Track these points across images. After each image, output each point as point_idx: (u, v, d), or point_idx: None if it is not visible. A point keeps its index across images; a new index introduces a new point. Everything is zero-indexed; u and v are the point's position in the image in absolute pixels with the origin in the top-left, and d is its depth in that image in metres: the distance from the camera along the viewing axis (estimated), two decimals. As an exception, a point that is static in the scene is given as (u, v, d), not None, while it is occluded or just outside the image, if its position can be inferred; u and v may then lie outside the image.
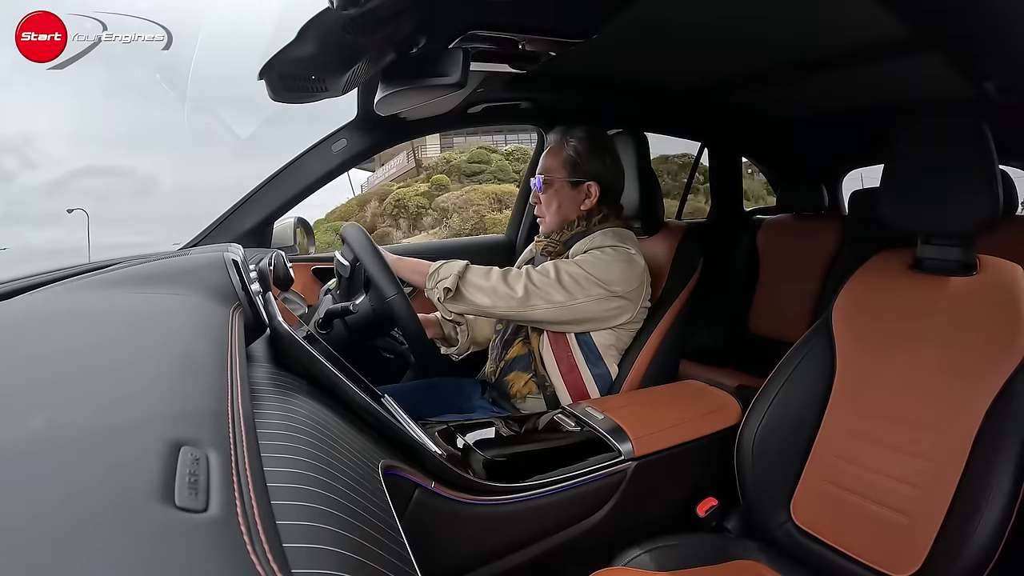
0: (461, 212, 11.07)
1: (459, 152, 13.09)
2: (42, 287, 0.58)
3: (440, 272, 1.06)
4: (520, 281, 1.04)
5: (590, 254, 1.09)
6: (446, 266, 1.07)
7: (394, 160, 14.04)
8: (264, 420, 0.42)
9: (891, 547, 0.79)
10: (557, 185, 1.16)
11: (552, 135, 1.22)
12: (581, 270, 1.05)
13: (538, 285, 1.04)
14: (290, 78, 0.75)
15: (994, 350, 0.77)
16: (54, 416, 0.25)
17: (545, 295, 1.04)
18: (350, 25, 0.64)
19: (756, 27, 1.11)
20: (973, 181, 0.81)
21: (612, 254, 1.08)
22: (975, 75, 1.13)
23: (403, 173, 13.65)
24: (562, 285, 1.04)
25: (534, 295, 1.03)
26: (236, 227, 1.31)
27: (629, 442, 0.89)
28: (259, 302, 0.58)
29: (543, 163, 1.18)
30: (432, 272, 1.06)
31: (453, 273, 1.04)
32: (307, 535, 0.32)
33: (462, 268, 1.06)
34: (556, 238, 1.17)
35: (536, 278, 1.04)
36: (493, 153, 12.44)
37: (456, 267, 1.06)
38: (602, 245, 1.10)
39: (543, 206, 1.18)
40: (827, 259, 1.85)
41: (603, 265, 1.06)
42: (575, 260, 1.08)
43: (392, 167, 14.11)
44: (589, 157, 1.15)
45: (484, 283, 1.04)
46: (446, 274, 1.05)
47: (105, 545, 0.19)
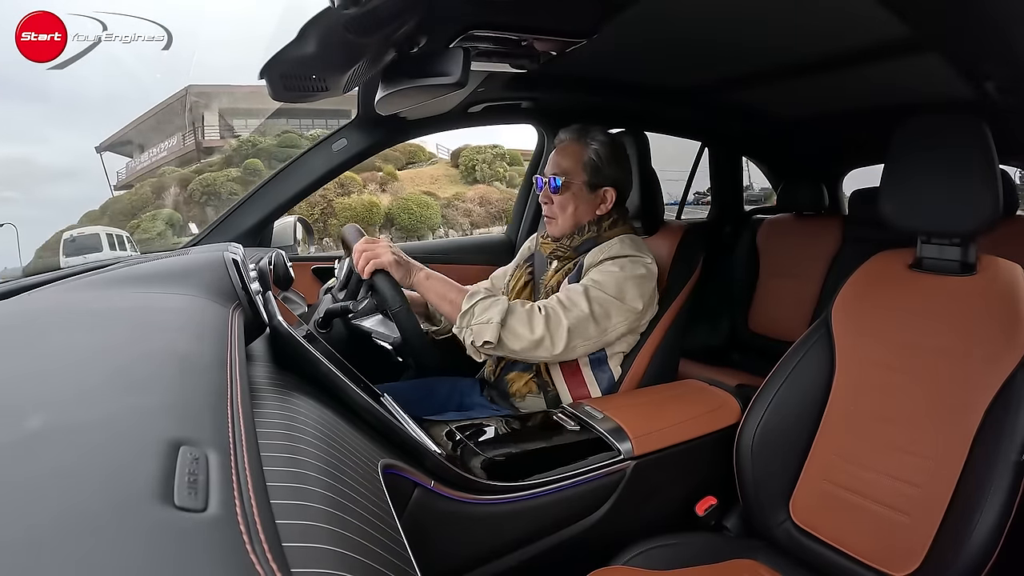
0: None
1: (260, 136, 12.20)
2: (42, 287, 0.58)
3: (475, 312, 0.98)
4: (561, 329, 0.98)
5: (610, 268, 1.05)
6: (482, 306, 0.98)
7: (165, 143, 12.90)
8: (264, 420, 0.42)
9: (890, 546, 0.79)
10: (575, 188, 1.12)
11: (566, 134, 1.16)
12: (609, 296, 1.02)
13: (577, 327, 1.00)
14: (291, 77, 0.75)
15: (994, 349, 0.77)
16: (53, 416, 0.25)
17: (583, 334, 1.01)
18: (351, 24, 0.64)
19: (756, 27, 1.11)
20: (973, 181, 0.81)
21: (631, 269, 1.05)
22: (975, 75, 1.13)
23: (179, 156, 12.56)
24: (595, 319, 1.01)
25: (575, 336, 1.00)
26: (236, 227, 1.31)
27: (628, 441, 0.89)
28: (259, 301, 0.58)
29: (559, 163, 1.13)
30: (466, 311, 0.98)
31: (494, 323, 0.96)
32: (306, 534, 0.32)
33: (503, 315, 0.97)
34: (566, 243, 1.13)
35: (573, 320, 0.99)
36: (302, 138, 11.52)
37: (496, 314, 0.96)
38: (620, 255, 1.06)
39: (556, 207, 1.13)
40: (827, 259, 1.85)
41: (629, 285, 1.04)
42: (598, 281, 1.03)
43: (163, 150, 12.92)
44: (610, 162, 1.13)
45: (527, 334, 0.97)
46: (484, 319, 0.97)
47: (104, 545, 0.19)
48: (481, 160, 12.19)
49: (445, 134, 12.38)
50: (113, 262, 0.77)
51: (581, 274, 1.09)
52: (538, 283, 1.21)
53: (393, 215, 10.44)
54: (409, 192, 11.28)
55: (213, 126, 12.83)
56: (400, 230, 10.33)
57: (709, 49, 1.25)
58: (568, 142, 1.16)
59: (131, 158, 13.30)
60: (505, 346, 0.98)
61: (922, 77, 1.25)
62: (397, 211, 10.45)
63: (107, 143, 13.23)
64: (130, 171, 13.18)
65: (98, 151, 13.20)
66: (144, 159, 13.05)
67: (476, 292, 1.00)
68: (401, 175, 12.04)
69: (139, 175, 12.65)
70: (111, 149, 13.31)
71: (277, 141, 11.68)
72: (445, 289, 1.02)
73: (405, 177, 12.14)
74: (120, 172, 13.31)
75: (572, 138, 1.16)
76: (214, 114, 12.88)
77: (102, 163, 13.14)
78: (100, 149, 13.21)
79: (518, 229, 1.76)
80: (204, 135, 12.67)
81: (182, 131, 12.66)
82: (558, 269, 1.15)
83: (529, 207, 1.76)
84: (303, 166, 1.36)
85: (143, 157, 13.10)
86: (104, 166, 12.95)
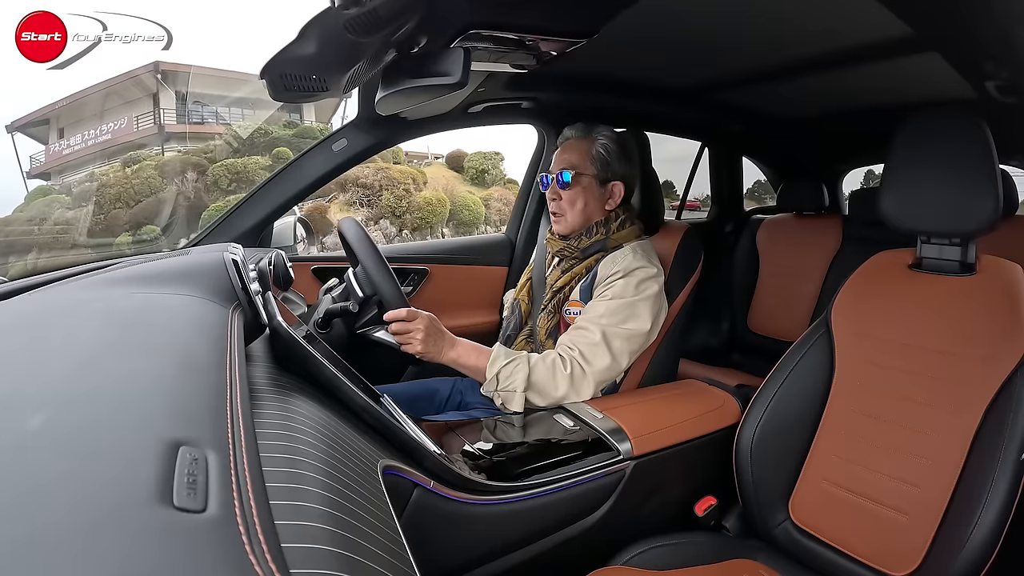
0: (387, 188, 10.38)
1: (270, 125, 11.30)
2: (42, 287, 0.58)
3: (499, 381, 0.99)
4: (585, 383, 1.00)
5: (624, 290, 1.04)
6: (504, 372, 0.99)
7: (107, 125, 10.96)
8: (263, 420, 0.42)
9: (889, 546, 0.79)
10: (586, 182, 1.11)
11: (572, 131, 1.16)
12: (625, 329, 1.02)
13: (600, 375, 1.01)
14: (291, 77, 0.75)
15: (993, 349, 0.77)
16: (52, 416, 0.25)
17: (608, 378, 1.04)
18: (351, 24, 0.64)
19: (757, 27, 1.11)
20: (973, 181, 0.81)
21: (644, 288, 1.04)
22: (976, 75, 1.13)
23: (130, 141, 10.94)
24: (616, 360, 1.02)
25: (599, 385, 1.02)
26: (236, 227, 1.31)
27: (628, 441, 0.89)
28: (259, 302, 0.58)
29: (567, 158, 1.12)
30: (490, 379, 1.00)
31: (518, 392, 0.98)
32: (306, 535, 0.32)
33: (526, 382, 0.98)
34: (575, 244, 1.13)
35: (596, 373, 1.01)
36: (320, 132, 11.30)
37: (519, 382, 0.98)
38: (634, 268, 1.05)
39: (564, 203, 1.12)
40: (827, 259, 1.85)
41: (642, 307, 1.03)
42: (614, 312, 1.03)
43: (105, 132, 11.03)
44: (618, 157, 1.13)
45: (552, 393, 1.00)
46: (508, 387, 0.99)
47: (103, 545, 0.19)
48: (490, 165, 12.31)
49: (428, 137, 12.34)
50: (113, 262, 0.77)
51: (594, 284, 1.08)
52: (540, 278, 1.21)
53: (455, 212, 10.95)
54: (462, 192, 11.48)
55: (171, 110, 11.43)
56: (460, 224, 10.80)
57: (709, 49, 1.25)
58: (575, 138, 1.15)
59: (57, 141, 11.24)
60: (533, 405, 1.01)
61: (922, 77, 1.25)
62: (459, 208, 11.04)
63: (22, 122, 11.24)
64: (53, 156, 11.28)
65: (9, 131, 11.20)
66: (75, 142, 11.19)
67: (496, 358, 1.00)
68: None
69: (65, 161, 10.98)
70: (24, 130, 11.38)
71: (294, 132, 11.31)
72: (473, 360, 1.02)
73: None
74: (37, 159, 11.33)
75: (578, 135, 1.15)
76: (171, 97, 11.48)
77: (13, 145, 11.18)
78: (12, 129, 11.25)
79: (518, 229, 1.76)
80: (165, 119, 11.24)
81: (132, 112, 11.07)
82: (566, 270, 1.14)
83: (529, 207, 1.75)
84: (303, 166, 1.36)
85: (73, 140, 11.21)
86: (16, 149, 11.06)
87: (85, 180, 10.71)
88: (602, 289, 1.06)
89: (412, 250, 1.68)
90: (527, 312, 1.20)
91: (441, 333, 1.03)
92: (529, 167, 1.82)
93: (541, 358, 1.02)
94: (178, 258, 0.61)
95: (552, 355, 1.02)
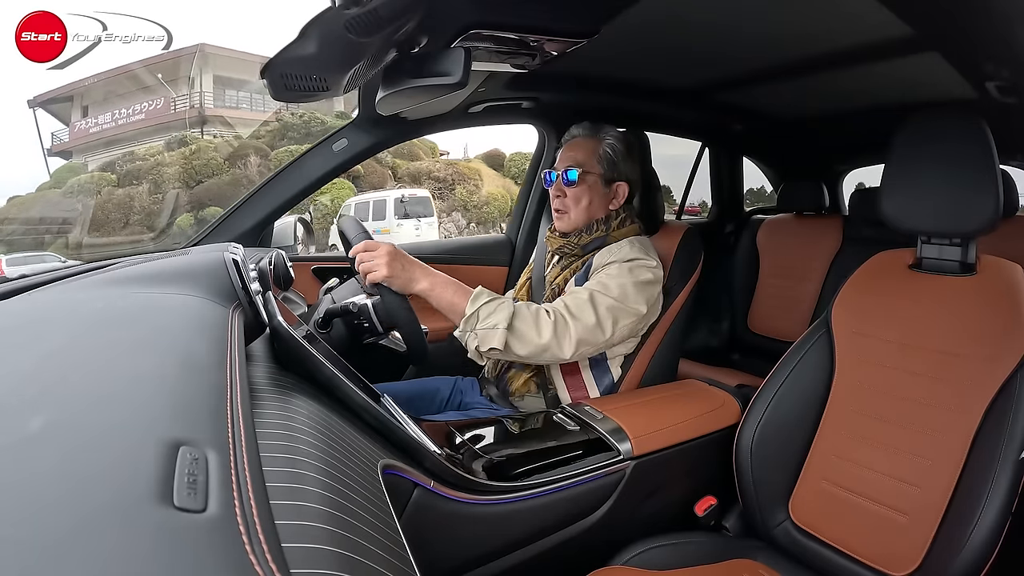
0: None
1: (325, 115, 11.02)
2: (42, 287, 0.58)
3: (480, 316, 0.94)
4: (568, 337, 0.96)
5: (617, 271, 1.04)
6: (487, 309, 0.94)
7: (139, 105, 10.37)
8: (263, 420, 0.42)
9: (889, 546, 0.79)
10: (591, 181, 1.11)
11: (579, 129, 1.16)
12: (615, 302, 1.00)
13: (584, 336, 0.98)
14: (291, 77, 0.75)
15: (993, 350, 0.77)
16: (52, 416, 0.25)
17: (589, 341, 0.99)
18: (352, 24, 0.64)
19: (757, 27, 1.11)
20: (974, 181, 0.81)
21: (638, 273, 1.04)
22: (976, 75, 1.13)
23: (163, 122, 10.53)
24: (601, 326, 0.99)
25: (581, 344, 0.98)
26: (236, 227, 1.31)
27: (628, 441, 0.89)
28: (259, 301, 0.58)
29: (573, 156, 1.12)
30: (470, 315, 0.95)
31: (500, 328, 0.93)
32: (306, 535, 0.32)
33: (509, 320, 0.94)
34: (575, 240, 1.13)
35: (581, 329, 0.97)
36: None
37: (502, 319, 0.93)
38: (629, 258, 1.05)
39: (569, 200, 1.12)
40: (827, 259, 1.85)
41: (634, 289, 1.02)
42: (606, 285, 1.02)
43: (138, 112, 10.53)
44: (625, 157, 1.13)
45: (534, 339, 0.95)
46: (489, 324, 0.93)
47: (103, 545, 0.19)
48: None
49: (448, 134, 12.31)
50: (113, 262, 0.77)
51: (588, 274, 1.08)
52: (540, 277, 1.21)
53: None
54: (514, 189, 11.65)
55: (209, 93, 11.33)
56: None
57: (709, 49, 1.25)
58: (581, 137, 1.15)
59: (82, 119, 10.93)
60: (511, 351, 0.95)
61: (922, 77, 1.25)
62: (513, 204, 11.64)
63: (44, 98, 10.86)
64: (79, 133, 11.00)
65: (31, 106, 10.92)
66: (103, 121, 10.91)
67: (479, 294, 0.97)
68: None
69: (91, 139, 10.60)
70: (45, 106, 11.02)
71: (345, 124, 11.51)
72: (449, 294, 0.97)
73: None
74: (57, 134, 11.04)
75: (585, 133, 1.15)
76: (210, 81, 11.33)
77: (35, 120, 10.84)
78: (35, 104, 10.95)
79: (518, 229, 1.76)
80: (204, 102, 11.08)
81: (169, 94, 10.85)
82: (565, 267, 1.14)
83: (529, 207, 1.76)
84: (303, 166, 1.36)
85: (102, 119, 10.93)
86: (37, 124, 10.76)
87: (126, 159, 10.50)
88: (596, 275, 1.06)
89: (412, 250, 1.68)
90: None
91: (411, 261, 0.97)
92: (530, 167, 1.82)
93: (525, 304, 0.99)
94: (178, 258, 0.61)
95: (536, 305, 1.00)
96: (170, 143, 10.66)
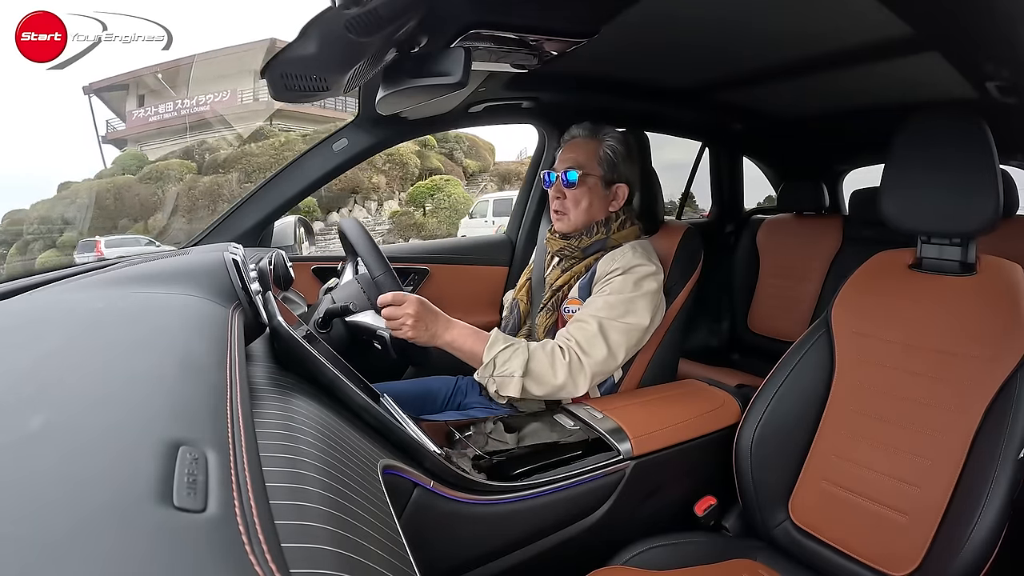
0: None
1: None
2: (42, 287, 0.58)
3: (496, 364, 0.97)
4: (583, 375, 0.98)
5: (623, 285, 1.03)
6: (502, 357, 0.97)
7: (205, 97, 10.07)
8: (263, 420, 0.42)
9: (889, 546, 0.79)
10: (591, 183, 1.11)
11: (579, 130, 1.15)
12: (622, 323, 1.01)
13: (597, 370, 1.00)
14: (292, 77, 0.75)
15: (993, 350, 0.77)
16: (52, 416, 0.25)
17: (604, 371, 1.02)
18: (352, 24, 0.64)
19: (757, 26, 1.11)
20: (974, 181, 0.81)
21: (644, 285, 1.04)
22: (976, 75, 1.13)
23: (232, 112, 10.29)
24: (613, 354, 1.00)
25: (596, 378, 1.01)
26: (236, 227, 1.31)
27: (628, 441, 0.89)
28: (259, 301, 0.58)
29: (573, 157, 1.12)
30: (487, 363, 0.98)
31: (516, 377, 0.96)
32: (306, 535, 0.32)
33: (524, 367, 0.97)
34: (575, 243, 1.12)
35: (594, 364, 0.99)
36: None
37: (517, 367, 0.96)
38: (631, 265, 1.05)
39: (568, 202, 1.11)
40: (827, 259, 1.85)
41: (640, 303, 1.02)
42: (612, 306, 1.02)
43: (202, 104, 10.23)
44: (625, 159, 1.13)
45: (550, 380, 0.98)
46: (506, 372, 0.96)
47: (103, 545, 0.19)
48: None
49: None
50: (113, 262, 0.77)
51: (593, 281, 1.08)
52: (539, 278, 1.21)
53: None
54: None
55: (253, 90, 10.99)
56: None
57: (709, 49, 1.25)
58: (581, 138, 1.15)
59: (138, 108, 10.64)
60: (528, 392, 0.98)
61: (922, 77, 1.25)
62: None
63: (100, 85, 10.70)
64: (136, 122, 10.76)
65: (87, 93, 10.81)
66: (164, 111, 10.69)
67: (495, 342, 0.99)
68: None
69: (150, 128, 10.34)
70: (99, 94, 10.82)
71: None
72: (469, 344, 0.99)
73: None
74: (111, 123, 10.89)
75: (585, 134, 1.15)
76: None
77: (90, 108, 10.73)
78: (90, 91, 10.85)
79: (518, 229, 1.76)
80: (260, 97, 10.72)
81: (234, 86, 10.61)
82: (566, 269, 1.14)
83: (529, 208, 1.76)
84: (303, 166, 1.36)
85: (162, 108, 10.70)
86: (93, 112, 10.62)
87: (203, 149, 10.45)
88: (601, 285, 1.06)
89: (413, 250, 1.69)
90: (526, 312, 1.20)
91: (435, 316, 0.99)
92: (530, 167, 1.82)
93: (540, 346, 1.01)
94: (178, 258, 0.61)
95: (551, 344, 1.01)
96: (255, 135, 10.54)
